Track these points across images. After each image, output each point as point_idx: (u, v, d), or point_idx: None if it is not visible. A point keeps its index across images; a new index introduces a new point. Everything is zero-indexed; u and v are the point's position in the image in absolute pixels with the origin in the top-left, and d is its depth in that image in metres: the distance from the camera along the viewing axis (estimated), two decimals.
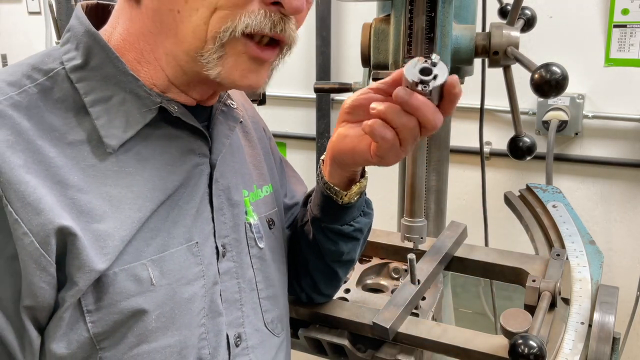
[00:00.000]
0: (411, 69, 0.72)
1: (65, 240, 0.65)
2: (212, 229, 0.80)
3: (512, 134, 1.00)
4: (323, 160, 0.92)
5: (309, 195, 1.04)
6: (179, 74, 0.74)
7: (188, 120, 0.77)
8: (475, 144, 1.71)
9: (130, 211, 0.70)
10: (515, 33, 0.96)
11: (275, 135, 1.06)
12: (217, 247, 0.81)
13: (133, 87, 0.72)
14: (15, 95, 0.68)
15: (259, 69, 0.74)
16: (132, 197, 0.71)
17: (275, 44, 0.75)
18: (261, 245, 0.89)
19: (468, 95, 1.72)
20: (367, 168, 0.91)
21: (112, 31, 0.76)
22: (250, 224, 0.87)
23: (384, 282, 1.27)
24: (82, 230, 0.66)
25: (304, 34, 2.41)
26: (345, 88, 1.21)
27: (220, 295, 0.81)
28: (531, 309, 1.01)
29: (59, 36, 2.10)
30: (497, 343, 0.96)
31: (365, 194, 0.95)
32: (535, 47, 2.01)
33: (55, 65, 0.72)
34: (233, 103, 0.88)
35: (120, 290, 0.68)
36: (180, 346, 0.74)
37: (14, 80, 0.70)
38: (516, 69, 0.96)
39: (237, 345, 0.83)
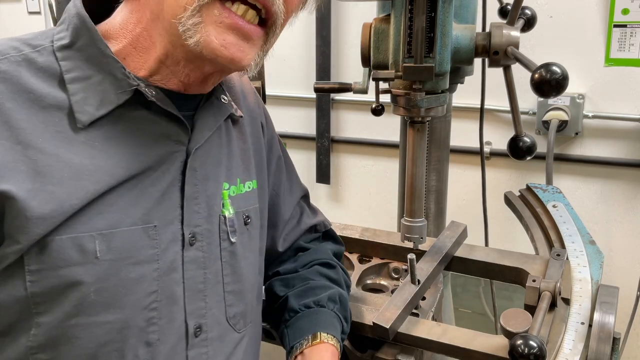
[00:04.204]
0: None
1: (3, 203, 0.67)
2: (179, 215, 0.80)
3: (512, 134, 1.00)
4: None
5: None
6: (170, 51, 0.76)
7: (164, 106, 0.78)
8: (475, 144, 1.71)
9: (86, 182, 0.71)
10: (515, 33, 0.96)
11: None
12: (183, 235, 0.81)
13: (112, 68, 0.75)
14: None
15: (241, 43, 0.75)
16: (92, 169, 0.72)
17: (260, 23, 0.76)
18: (233, 240, 0.89)
19: (468, 95, 1.74)
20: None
21: (113, 20, 0.80)
22: (225, 217, 0.87)
23: (384, 282, 1.27)
24: (34, 191, 0.68)
25: (304, 34, 2.41)
26: (345, 88, 1.21)
27: (184, 283, 0.81)
28: (531, 309, 1.01)
29: None
30: (497, 343, 0.96)
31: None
32: (535, 47, 2.01)
33: (44, 42, 0.76)
34: (225, 98, 0.90)
35: (63, 257, 0.70)
36: (121, 325, 0.74)
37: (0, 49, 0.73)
38: (516, 69, 0.96)
39: (196, 336, 0.83)
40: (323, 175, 2.53)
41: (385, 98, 1.04)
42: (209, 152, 0.86)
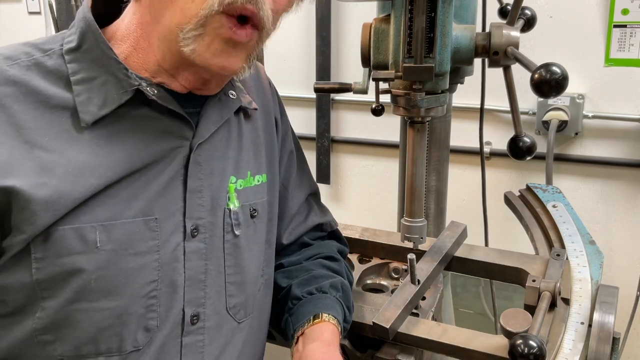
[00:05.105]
0: None
1: (9, 198, 0.71)
2: (181, 208, 0.83)
3: (512, 134, 1.00)
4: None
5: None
6: (167, 56, 0.79)
7: (166, 104, 0.81)
8: (475, 144, 1.71)
9: (89, 177, 0.75)
10: (515, 33, 0.96)
11: None
12: (184, 227, 0.83)
13: (114, 69, 0.78)
14: (7, 67, 0.76)
15: (231, 51, 0.78)
16: (95, 164, 0.76)
17: (250, 23, 0.78)
18: (237, 232, 0.91)
19: (468, 95, 1.74)
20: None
21: (120, 22, 0.84)
22: (230, 210, 0.90)
23: (384, 282, 1.27)
24: (39, 186, 0.72)
25: (304, 34, 2.41)
26: (345, 88, 1.21)
27: (185, 273, 0.83)
28: (531, 309, 1.01)
29: None
30: (497, 343, 0.96)
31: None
32: (535, 47, 2.01)
33: (54, 46, 0.80)
34: (233, 94, 0.92)
35: (65, 246, 0.74)
36: (120, 311, 0.78)
37: (11, 54, 0.78)
38: (516, 69, 0.96)
39: (192, 324, 0.85)
40: (323, 175, 2.53)
41: (385, 98, 1.04)
42: (216, 147, 0.88)
